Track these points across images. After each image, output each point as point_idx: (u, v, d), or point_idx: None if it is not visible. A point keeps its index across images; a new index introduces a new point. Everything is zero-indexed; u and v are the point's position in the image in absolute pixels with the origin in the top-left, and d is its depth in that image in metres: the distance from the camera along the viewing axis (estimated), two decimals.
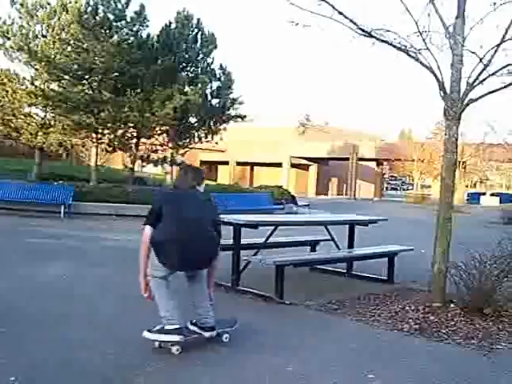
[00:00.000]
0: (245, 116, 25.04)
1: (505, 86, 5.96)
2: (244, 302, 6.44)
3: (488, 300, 5.78)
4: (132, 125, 22.02)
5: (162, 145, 24.69)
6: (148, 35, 22.52)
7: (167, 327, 4.44)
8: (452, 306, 5.87)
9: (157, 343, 4.50)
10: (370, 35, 6.23)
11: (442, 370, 4.42)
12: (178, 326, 4.45)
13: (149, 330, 4.51)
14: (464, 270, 5.89)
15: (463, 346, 4.98)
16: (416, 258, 8.46)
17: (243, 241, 7.22)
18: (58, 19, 21.18)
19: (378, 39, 6.26)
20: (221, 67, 25.01)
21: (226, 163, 53.94)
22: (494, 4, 5.94)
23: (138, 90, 21.07)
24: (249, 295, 6.68)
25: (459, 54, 5.91)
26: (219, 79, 24.99)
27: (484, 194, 52.09)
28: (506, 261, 6.00)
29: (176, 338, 4.41)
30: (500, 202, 42.02)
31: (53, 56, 20.46)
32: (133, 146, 23.28)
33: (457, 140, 6.11)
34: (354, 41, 6.35)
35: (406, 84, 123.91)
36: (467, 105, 6.04)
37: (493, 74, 5.96)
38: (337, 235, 8.52)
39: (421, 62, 6.07)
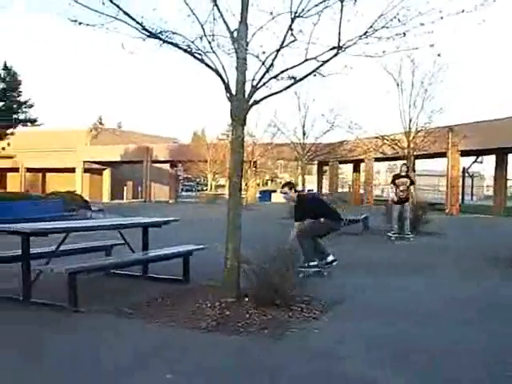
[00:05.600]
0: (35, 120, 23.65)
1: (284, 89, 6.36)
2: (37, 315, 5.98)
3: (278, 292, 6.09)
4: None
5: None
6: None
7: None
8: (246, 299, 6.11)
9: None
10: (156, 37, 6.22)
11: (239, 360, 4.58)
12: None
13: None
14: (255, 264, 6.15)
15: (258, 336, 5.20)
16: (212, 256, 8.61)
17: (35, 250, 6.78)
18: None
19: (164, 41, 6.28)
20: (5, 67, 23.14)
21: (16, 170, 50.40)
22: (271, 13, 6.30)
23: None
24: (42, 307, 6.23)
25: (243, 58, 6.14)
26: (4, 80, 23.12)
27: (275, 191, 55.08)
28: (292, 253, 6.39)
29: None
30: None
31: None
32: None
33: (243, 140, 6.36)
34: (142, 43, 6.31)
35: (200, 86, 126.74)
36: (252, 106, 6.31)
37: (274, 77, 6.31)
38: (132, 238, 8.38)
39: (207, 64, 6.21)
